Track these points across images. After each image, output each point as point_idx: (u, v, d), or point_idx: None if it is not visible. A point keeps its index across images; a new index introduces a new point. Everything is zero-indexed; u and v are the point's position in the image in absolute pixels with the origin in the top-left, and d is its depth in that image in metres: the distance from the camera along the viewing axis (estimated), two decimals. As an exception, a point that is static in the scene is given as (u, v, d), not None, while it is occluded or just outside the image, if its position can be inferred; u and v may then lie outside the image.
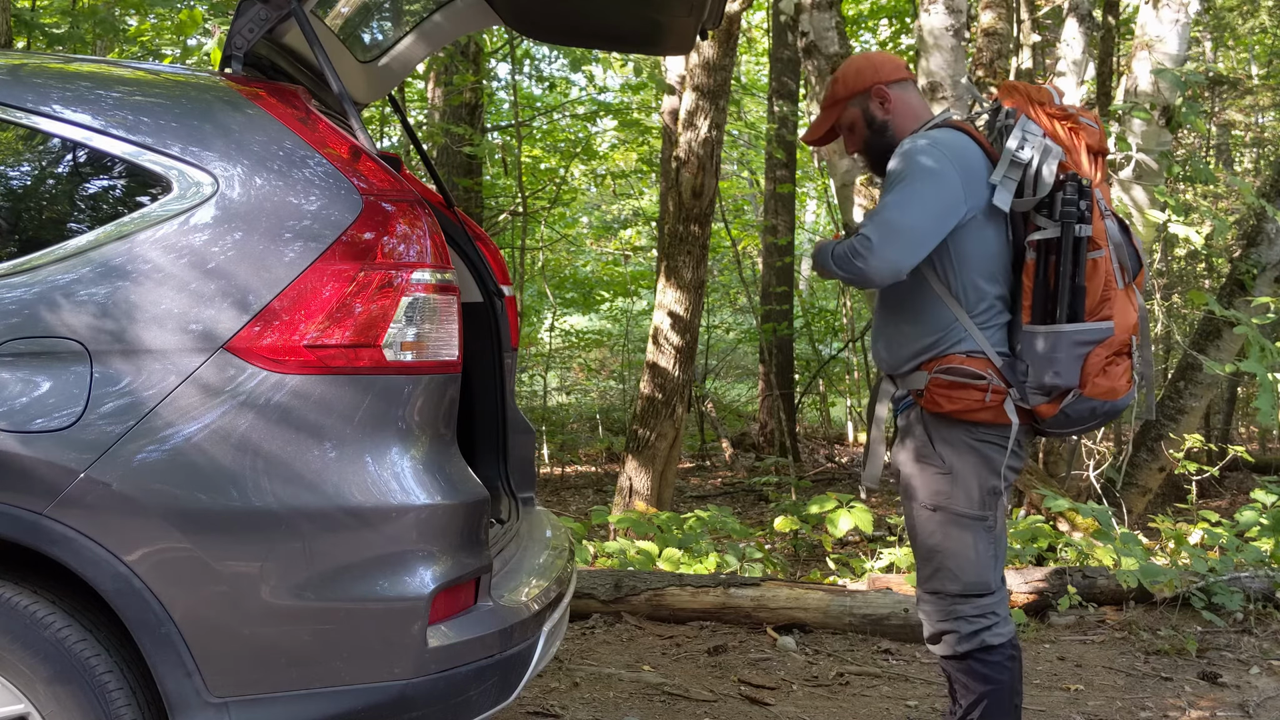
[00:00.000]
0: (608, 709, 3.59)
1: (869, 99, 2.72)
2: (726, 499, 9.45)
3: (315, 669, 1.99)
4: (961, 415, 2.57)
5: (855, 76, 2.74)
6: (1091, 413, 2.55)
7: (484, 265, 3.14)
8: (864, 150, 2.79)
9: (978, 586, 2.61)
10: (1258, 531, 5.59)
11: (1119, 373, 2.53)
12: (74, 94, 2.19)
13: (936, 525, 2.62)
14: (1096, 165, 2.60)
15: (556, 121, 12.74)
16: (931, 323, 2.60)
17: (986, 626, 2.61)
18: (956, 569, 2.61)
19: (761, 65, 15.45)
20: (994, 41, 7.18)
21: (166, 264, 2.01)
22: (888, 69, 2.74)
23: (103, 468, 1.92)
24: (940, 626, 2.65)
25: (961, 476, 2.59)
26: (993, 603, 2.62)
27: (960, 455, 2.59)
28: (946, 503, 2.60)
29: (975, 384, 2.54)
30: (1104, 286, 2.50)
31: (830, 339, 13.39)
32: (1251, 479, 8.57)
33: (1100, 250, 2.49)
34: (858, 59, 2.81)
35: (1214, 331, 6.97)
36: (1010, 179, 2.51)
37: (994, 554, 2.63)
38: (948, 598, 2.63)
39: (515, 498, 3.12)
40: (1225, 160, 13.56)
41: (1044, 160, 2.49)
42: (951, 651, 2.64)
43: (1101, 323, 2.49)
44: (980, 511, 2.60)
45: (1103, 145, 2.62)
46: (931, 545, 2.64)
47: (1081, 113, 2.62)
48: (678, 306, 6.94)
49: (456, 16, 3.12)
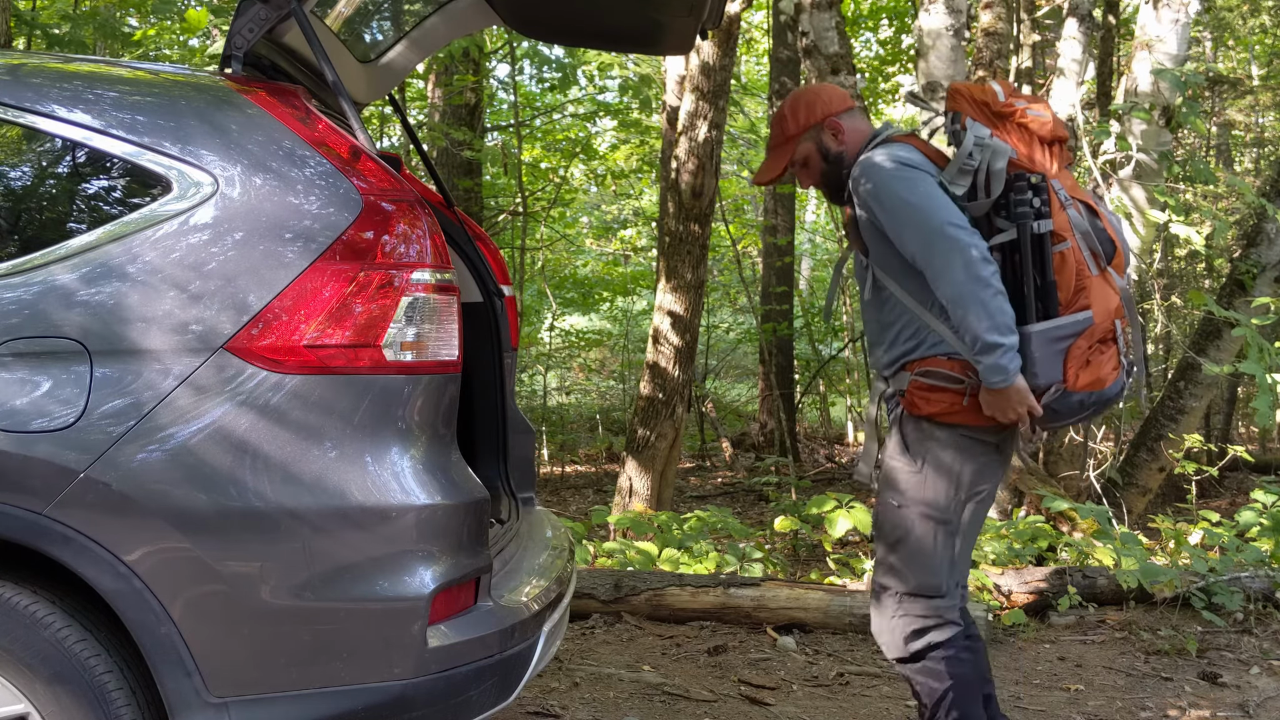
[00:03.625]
0: (608, 709, 3.59)
1: (821, 132, 2.73)
2: (726, 499, 9.45)
3: (315, 669, 1.99)
4: (940, 417, 2.58)
5: (806, 111, 2.73)
6: (1079, 405, 2.54)
7: (484, 265, 3.14)
8: (820, 183, 2.79)
9: (928, 588, 2.61)
10: (1258, 531, 5.59)
11: (1104, 361, 2.51)
12: (74, 94, 2.19)
13: (899, 520, 2.63)
14: (1052, 155, 2.58)
15: (556, 121, 12.74)
16: (909, 327, 2.62)
17: (930, 627, 2.61)
18: (911, 567, 2.62)
19: (761, 65, 15.45)
20: (994, 41, 7.18)
21: (166, 264, 2.01)
22: (835, 100, 2.75)
23: (103, 468, 1.92)
24: (885, 625, 2.66)
25: (932, 477, 2.60)
26: (941, 606, 2.62)
27: (934, 456, 2.59)
28: (912, 500, 2.61)
29: (952, 387, 2.55)
30: (1076, 277, 2.49)
31: (830, 339, 13.38)
32: (1251, 479, 8.56)
33: (1066, 242, 2.49)
34: (802, 94, 2.80)
35: (1214, 332, 6.97)
36: (960, 185, 2.51)
37: (952, 558, 2.63)
38: (896, 595, 2.64)
39: (515, 498, 3.12)
40: (1225, 160, 13.56)
41: (993, 161, 2.49)
42: (901, 653, 2.65)
43: (1079, 314, 2.48)
44: (944, 514, 2.60)
45: (1057, 132, 2.59)
46: (892, 540, 2.65)
47: (1031, 103, 2.60)
48: (677, 306, 6.94)
49: (456, 17, 3.12)
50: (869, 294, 2.70)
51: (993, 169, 2.49)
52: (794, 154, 2.77)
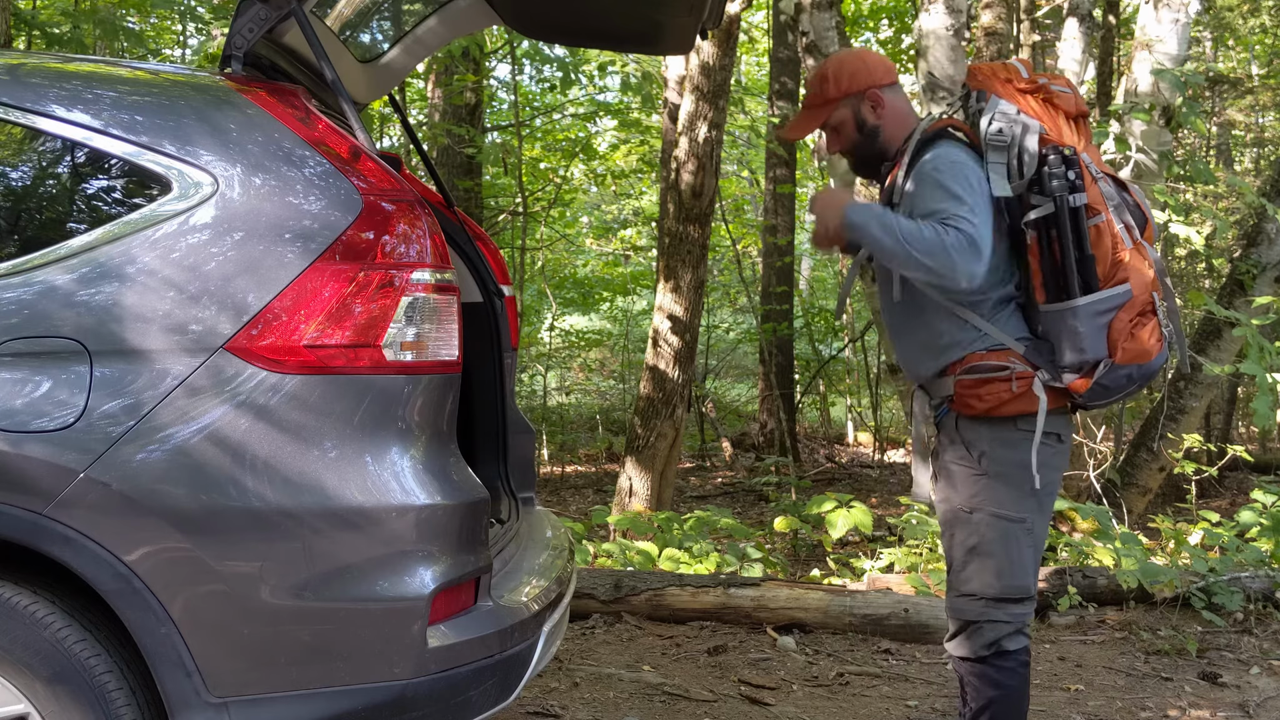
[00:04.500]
0: (608, 709, 3.59)
1: (862, 101, 2.68)
2: (726, 499, 9.45)
3: (315, 669, 1.99)
4: (995, 412, 2.54)
5: (850, 78, 2.68)
6: (1128, 379, 2.50)
7: (484, 265, 3.14)
8: (849, 152, 2.75)
9: (1015, 590, 2.57)
10: (1258, 531, 5.59)
11: (1147, 334, 2.48)
12: (73, 94, 2.19)
13: (974, 527, 2.58)
14: (1078, 130, 2.57)
15: (556, 121, 12.74)
16: (944, 329, 2.59)
17: (1010, 633, 2.58)
18: (996, 571, 2.57)
19: (762, 65, 15.45)
20: (994, 41, 7.18)
21: (166, 264, 2.01)
22: (880, 71, 2.69)
23: (102, 468, 1.92)
24: (969, 628, 2.61)
25: (996, 477, 2.56)
26: (1025, 612, 2.59)
27: (995, 456, 2.56)
28: (984, 504, 2.57)
29: (999, 376, 2.51)
30: (1113, 250, 2.46)
31: (830, 339, 13.37)
32: (1251, 479, 8.56)
33: (1100, 215, 2.46)
34: (848, 59, 2.74)
35: (1214, 331, 6.97)
36: (999, 163, 2.48)
37: (1034, 558, 2.60)
38: (983, 600, 2.59)
39: (515, 498, 3.12)
40: (1225, 160, 13.57)
41: (1023, 137, 2.46)
42: (970, 653, 2.61)
43: (1118, 287, 2.45)
44: (1018, 514, 2.56)
45: (1080, 108, 2.58)
46: (970, 547, 2.60)
47: (1053, 79, 2.59)
48: (677, 307, 6.94)
49: (456, 17, 3.12)
50: (899, 294, 2.65)
51: (1025, 146, 2.46)
52: (829, 118, 2.71)
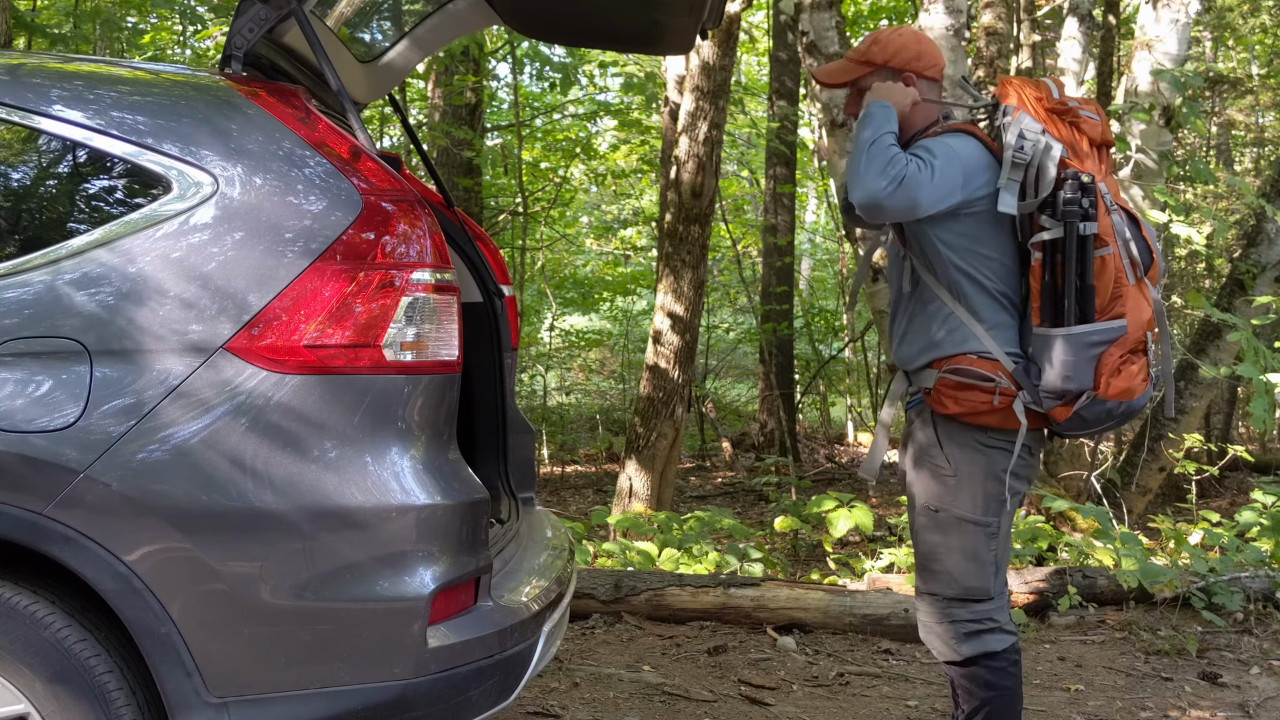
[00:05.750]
0: (608, 709, 3.59)
1: (896, 79, 2.67)
2: (726, 499, 9.45)
3: (315, 669, 1.99)
4: (968, 418, 2.53)
5: (895, 53, 2.67)
6: (1108, 414, 2.49)
7: (484, 265, 3.14)
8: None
9: (975, 592, 2.59)
10: (1258, 531, 5.59)
11: (1134, 371, 2.47)
12: (73, 94, 2.19)
13: (936, 527, 2.60)
14: (1100, 159, 2.55)
15: (556, 121, 12.74)
16: (940, 323, 2.58)
17: (983, 631, 2.58)
18: (955, 572, 2.59)
19: (762, 65, 15.44)
20: (994, 41, 7.19)
21: (166, 264, 2.01)
22: (927, 61, 2.69)
23: (103, 468, 1.92)
24: (934, 630, 2.64)
25: (965, 480, 2.56)
26: (990, 609, 2.59)
27: (966, 458, 2.56)
28: (948, 505, 2.58)
29: (982, 386, 2.50)
30: (1114, 284, 2.44)
31: (830, 339, 13.37)
32: (1251, 479, 8.56)
33: (1108, 247, 2.43)
34: (906, 35, 2.73)
35: (1213, 332, 6.97)
36: (1013, 180, 2.46)
37: (995, 560, 2.60)
38: (943, 600, 2.61)
39: (515, 498, 3.12)
40: (1225, 160, 13.57)
41: (1044, 158, 2.44)
42: (952, 656, 2.62)
43: (1113, 321, 2.43)
44: (983, 517, 2.56)
45: (1106, 137, 2.57)
46: (930, 547, 2.62)
47: (1082, 104, 2.57)
48: (677, 306, 6.94)
49: (456, 17, 3.12)
50: (907, 285, 2.65)
51: (1044, 168, 2.44)
52: (861, 79, 2.71)
